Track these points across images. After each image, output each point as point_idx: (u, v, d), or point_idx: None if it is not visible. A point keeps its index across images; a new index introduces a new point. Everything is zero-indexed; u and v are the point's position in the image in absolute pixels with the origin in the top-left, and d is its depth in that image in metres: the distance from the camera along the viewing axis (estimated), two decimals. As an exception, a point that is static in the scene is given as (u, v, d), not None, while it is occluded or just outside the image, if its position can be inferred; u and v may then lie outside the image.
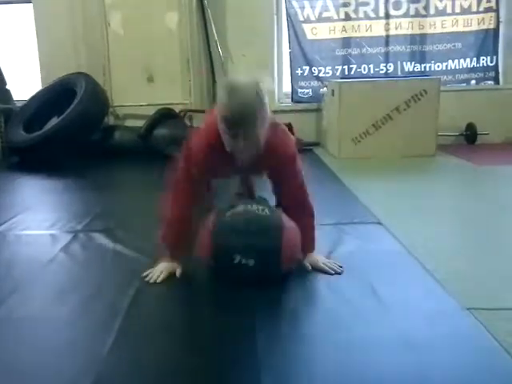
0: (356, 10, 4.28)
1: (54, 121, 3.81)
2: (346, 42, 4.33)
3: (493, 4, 4.26)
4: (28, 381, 1.10)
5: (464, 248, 1.90)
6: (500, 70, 4.37)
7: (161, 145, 3.71)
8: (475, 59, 4.34)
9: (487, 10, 4.28)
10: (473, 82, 4.40)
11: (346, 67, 4.36)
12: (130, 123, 4.20)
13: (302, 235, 1.61)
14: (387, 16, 4.28)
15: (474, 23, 4.30)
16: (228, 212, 1.58)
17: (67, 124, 3.64)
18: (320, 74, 4.36)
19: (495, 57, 4.34)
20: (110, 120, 4.26)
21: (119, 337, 1.26)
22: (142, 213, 2.38)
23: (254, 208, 1.56)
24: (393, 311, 1.36)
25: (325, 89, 4.17)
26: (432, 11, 4.29)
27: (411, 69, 4.35)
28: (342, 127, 3.71)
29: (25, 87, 4.35)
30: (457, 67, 4.36)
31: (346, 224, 2.10)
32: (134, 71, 4.21)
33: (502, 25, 4.30)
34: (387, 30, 4.30)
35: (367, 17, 4.29)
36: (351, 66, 4.36)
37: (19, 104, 4.08)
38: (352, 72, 4.36)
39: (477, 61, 4.35)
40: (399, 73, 4.33)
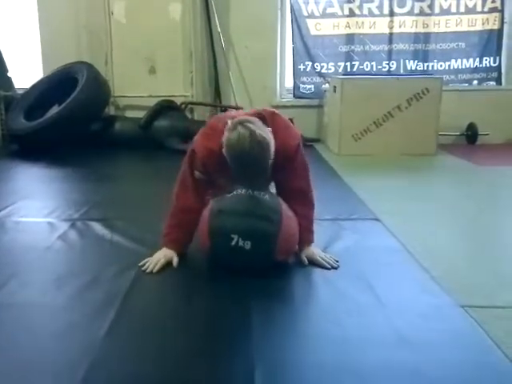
0: (360, 7, 4.26)
1: (55, 109, 3.80)
2: (350, 39, 4.31)
3: (498, 4, 4.25)
4: (25, 365, 1.10)
5: (461, 246, 1.91)
6: (503, 71, 4.36)
7: (161, 136, 3.71)
8: (478, 59, 4.33)
9: (492, 11, 4.27)
10: (475, 82, 4.39)
11: (349, 64, 4.35)
12: (131, 114, 4.19)
13: (301, 227, 1.62)
14: (391, 13, 4.27)
15: (479, 23, 4.29)
16: (229, 194, 1.59)
17: (68, 113, 3.63)
18: (322, 70, 4.35)
19: (498, 57, 4.33)
20: (111, 110, 4.25)
21: (115, 323, 1.26)
22: (141, 203, 2.39)
23: (256, 192, 1.57)
24: (388, 307, 1.37)
25: (327, 85, 4.16)
26: (437, 10, 4.27)
27: (414, 67, 4.34)
28: (343, 124, 3.71)
29: (26, 75, 4.33)
30: (459, 67, 4.35)
31: (344, 220, 2.11)
32: (136, 62, 4.20)
33: (507, 25, 4.29)
34: (391, 28, 4.29)
35: (371, 14, 4.28)
36: (354, 63, 4.34)
37: (20, 92, 4.07)
38: (354, 69, 4.35)
39: (480, 61, 4.34)
40: (402, 71, 4.32)
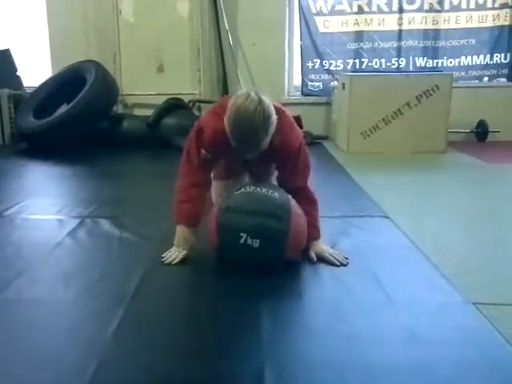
0: (369, 4, 4.23)
1: (64, 108, 3.82)
2: (359, 36, 4.28)
3: (508, 0, 4.20)
4: (33, 361, 1.10)
5: (471, 244, 1.88)
6: (514, 68, 4.32)
7: (169, 135, 3.71)
8: (489, 56, 4.29)
9: (503, 7, 4.22)
10: (485, 79, 4.35)
11: (358, 61, 4.32)
12: (139, 112, 4.21)
13: (308, 222, 1.61)
14: (401, 10, 4.23)
15: (489, 19, 4.24)
16: (237, 192, 1.58)
17: (76, 111, 3.65)
18: (331, 68, 4.33)
19: (509, 54, 4.28)
20: (119, 108, 4.27)
21: (124, 320, 1.26)
22: (149, 201, 2.39)
23: (264, 190, 1.56)
24: (397, 304, 1.36)
25: (335, 82, 4.14)
26: (446, 6, 4.23)
27: (423, 64, 4.31)
28: (352, 121, 3.69)
29: (35, 74, 4.36)
30: (470, 63, 4.31)
31: (353, 217, 2.10)
32: (144, 60, 4.21)
33: (517, 21, 4.25)
34: (400, 25, 4.25)
35: (380, 10, 4.25)
36: (363, 60, 4.32)
37: (29, 90, 4.09)
38: (363, 66, 4.32)
39: (490, 57, 4.29)
40: (411, 68, 4.29)
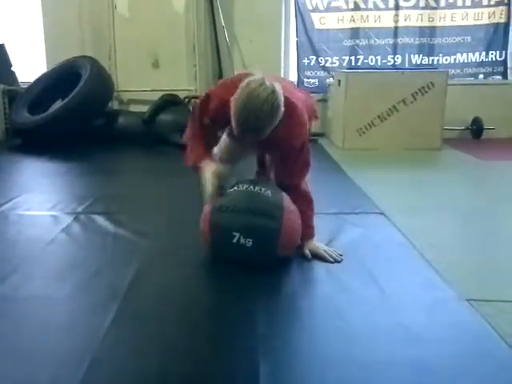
0: (365, 0, 4.23)
1: (59, 104, 3.80)
2: (354, 33, 4.28)
3: (504, -2, 4.21)
4: (27, 357, 1.10)
5: (465, 241, 1.89)
6: (509, 65, 4.32)
7: (164, 131, 3.70)
8: (484, 53, 4.30)
9: (498, 4, 4.23)
10: (481, 77, 4.36)
11: (354, 58, 4.32)
12: (134, 108, 4.18)
13: (302, 221, 1.61)
14: (397, 7, 4.24)
15: (485, 17, 4.25)
16: (230, 190, 1.57)
17: (71, 107, 3.63)
18: (327, 64, 4.33)
19: (504, 52, 4.29)
20: (114, 105, 4.24)
21: (118, 316, 1.26)
22: (144, 197, 2.39)
23: (257, 188, 1.55)
24: (392, 300, 1.36)
25: (331, 79, 4.14)
26: (442, 4, 4.23)
27: (419, 61, 4.31)
28: (347, 118, 3.69)
29: (30, 69, 4.33)
30: (465, 61, 4.32)
31: (348, 214, 2.10)
32: (140, 56, 4.19)
33: (513, 19, 4.25)
34: (396, 22, 4.25)
35: (376, 7, 4.24)
36: (358, 57, 4.32)
37: (24, 86, 4.07)
38: (359, 63, 4.32)
39: (486, 55, 4.30)
40: (407, 65, 4.29)
